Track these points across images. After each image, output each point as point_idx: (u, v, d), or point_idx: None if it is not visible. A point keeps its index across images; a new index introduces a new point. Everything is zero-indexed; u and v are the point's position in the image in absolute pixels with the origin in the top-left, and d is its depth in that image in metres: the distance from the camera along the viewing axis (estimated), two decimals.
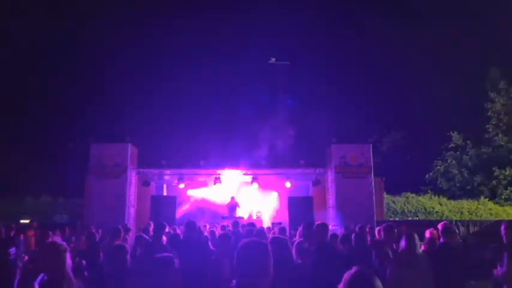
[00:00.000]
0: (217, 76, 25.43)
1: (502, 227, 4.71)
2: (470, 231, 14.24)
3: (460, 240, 7.38)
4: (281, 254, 3.63)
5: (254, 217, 15.08)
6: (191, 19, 26.38)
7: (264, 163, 14.68)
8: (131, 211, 13.82)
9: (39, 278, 3.17)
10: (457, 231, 5.39)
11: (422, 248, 5.51)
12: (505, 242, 4.65)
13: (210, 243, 7.15)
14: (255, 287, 2.18)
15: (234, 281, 4.73)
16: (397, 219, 17.05)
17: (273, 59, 19.78)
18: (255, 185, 14.38)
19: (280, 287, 3.08)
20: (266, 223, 14.44)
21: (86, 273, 4.37)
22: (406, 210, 18.12)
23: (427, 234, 6.78)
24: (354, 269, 2.07)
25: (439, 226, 6.44)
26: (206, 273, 5.26)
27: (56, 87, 23.77)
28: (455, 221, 14.98)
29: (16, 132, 22.51)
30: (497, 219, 16.04)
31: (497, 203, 19.81)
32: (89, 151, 13.74)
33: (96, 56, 24.48)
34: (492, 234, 5.00)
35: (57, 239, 3.64)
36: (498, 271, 4.59)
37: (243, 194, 15.83)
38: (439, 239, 6.54)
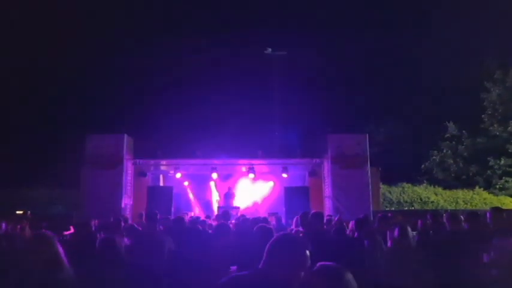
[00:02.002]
0: (213, 66, 25.34)
1: (488, 213, 4.80)
2: None
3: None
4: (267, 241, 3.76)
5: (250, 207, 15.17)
6: (186, 11, 26.19)
7: (260, 153, 14.66)
8: (128, 202, 13.81)
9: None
10: (462, 219, 5.43)
11: None
12: (491, 227, 4.73)
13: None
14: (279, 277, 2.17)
15: (233, 267, 4.77)
16: (393, 209, 17.15)
17: (269, 49, 19.61)
18: (251, 175, 14.40)
19: None
20: (262, 213, 14.51)
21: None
22: (402, 200, 18.23)
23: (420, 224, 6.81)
24: (318, 265, 2.03)
25: (429, 215, 6.49)
26: (203, 261, 5.28)
27: (52, 79, 23.60)
28: (450, 210, 15.08)
29: (12, 124, 22.38)
30: None
31: (491, 192, 19.96)
32: (85, 142, 13.67)
33: (91, 48, 24.30)
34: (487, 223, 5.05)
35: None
36: (487, 257, 4.63)
37: (239, 184, 15.89)
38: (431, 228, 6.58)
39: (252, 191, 16.01)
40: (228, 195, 14.83)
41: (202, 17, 27.81)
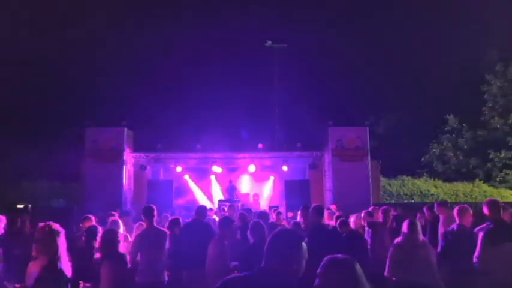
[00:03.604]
0: (213, 59, 25.24)
1: (485, 206, 4.79)
2: None
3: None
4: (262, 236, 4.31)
5: (251, 200, 15.18)
6: (186, 3, 26.02)
7: (261, 146, 14.64)
8: (128, 195, 13.82)
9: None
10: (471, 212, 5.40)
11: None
12: (490, 219, 4.73)
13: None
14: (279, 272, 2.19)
15: (234, 263, 4.79)
16: (392, 201, 17.15)
17: (269, 42, 19.43)
18: (252, 167, 14.40)
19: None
20: (263, 206, 14.54)
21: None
22: (402, 193, 18.21)
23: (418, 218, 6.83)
24: (327, 257, 2.10)
25: (426, 208, 6.47)
26: (206, 254, 5.29)
27: (52, 72, 23.49)
28: (450, 203, 15.06)
29: (12, 117, 22.33)
30: None
31: (492, 185, 19.95)
32: (84, 135, 13.64)
33: (90, 40, 24.17)
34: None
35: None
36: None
37: (240, 177, 15.89)
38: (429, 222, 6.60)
39: (253, 184, 16.01)
40: (230, 189, 14.84)
41: (203, 9, 27.66)
